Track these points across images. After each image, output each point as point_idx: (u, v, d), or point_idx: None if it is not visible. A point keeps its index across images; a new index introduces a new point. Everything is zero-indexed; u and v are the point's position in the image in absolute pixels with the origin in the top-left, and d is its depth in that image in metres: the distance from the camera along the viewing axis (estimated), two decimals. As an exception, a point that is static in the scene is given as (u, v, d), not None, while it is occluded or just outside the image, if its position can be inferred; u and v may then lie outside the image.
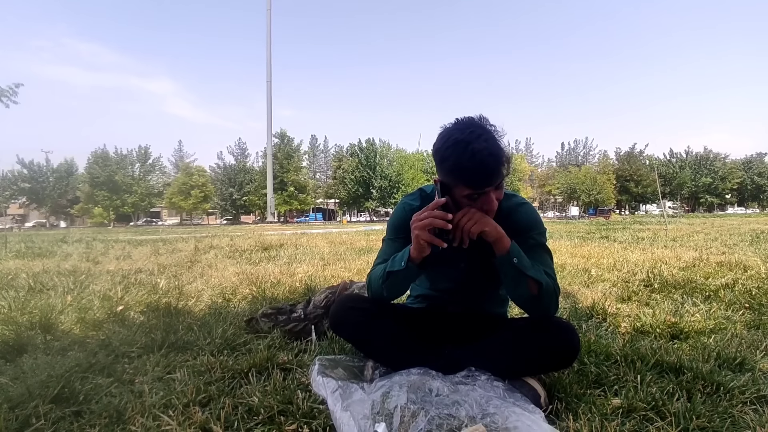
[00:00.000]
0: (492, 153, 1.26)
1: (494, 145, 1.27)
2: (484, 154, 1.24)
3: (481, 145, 1.25)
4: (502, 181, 1.36)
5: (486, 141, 1.26)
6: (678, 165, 67.05)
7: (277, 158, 52.07)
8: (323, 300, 2.14)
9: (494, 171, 1.28)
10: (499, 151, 1.28)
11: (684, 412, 1.26)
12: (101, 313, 2.54)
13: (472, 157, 1.24)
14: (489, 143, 1.26)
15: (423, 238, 1.32)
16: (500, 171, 1.30)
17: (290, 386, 1.47)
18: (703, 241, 7.50)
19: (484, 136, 1.27)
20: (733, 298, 2.80)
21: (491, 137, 1.29)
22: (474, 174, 1.27)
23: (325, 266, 4.79)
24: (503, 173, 1.32)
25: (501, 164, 1.28)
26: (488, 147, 1.25)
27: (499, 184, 1.35)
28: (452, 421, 1.15)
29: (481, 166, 1.25)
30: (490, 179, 1.29)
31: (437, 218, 1.30)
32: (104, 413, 1.28)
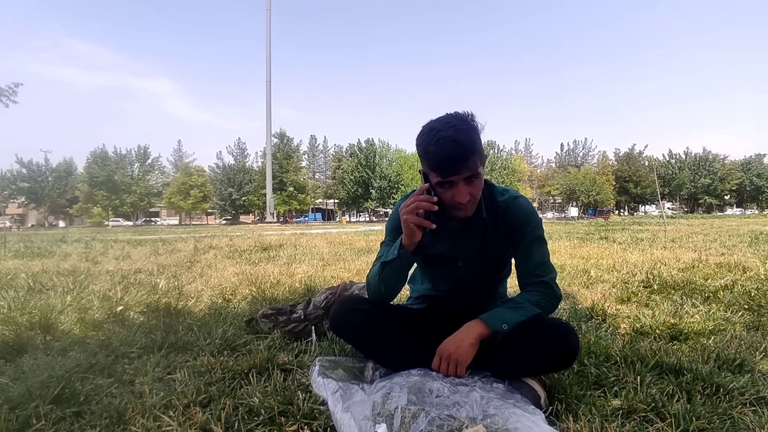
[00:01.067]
0: (456, 140, 1.29)
1: (462, 135, 1.30)
2: (448, 140, 1.29)
3: (448, 133, 1.30)
4: (477, 177, 1.36)
5: (456, 131, 1.31)
6: (677, 166, 67.19)
7: (276, 158, 52.07)
8: (323, 301, 2.14)
9: (457, 157, 1.30)
10: (467, 141, 1.30)
11: (684, 414, 1.26)
12: (101, 314, 2.54)
13: (437, 142, 1.30)
14: (458, 133, 1.30)
15: (411, 221, 1.36)
16: (467, 161, 1.31)
17: (291, 387, 1.46)
18: (702, 242, 7.51)
19: (457, 127, 1.32)
20: (732, 299, 2.80)
21: (463, 129, 1.32)
22: (436, 157, 1.32)
23: (324, 267, 4.79)
24: (472, 166, 1.33)
25: (467, 154, 1.30)
26: (455, 135, 1.29)
27: (472, 179, 1.36)
28: (453, 422, 1.15)
29: (443, 150, 1.29)
30: (454, 166, 1.32)
31: (422, 201, 1.34)
32: (105, 414, 1.28)
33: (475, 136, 1.33)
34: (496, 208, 1.52)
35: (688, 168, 66.39)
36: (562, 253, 5.79)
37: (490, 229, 1.52)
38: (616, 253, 5.71)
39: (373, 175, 56.34)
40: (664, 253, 5.57)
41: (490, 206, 1.52)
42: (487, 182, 1.56)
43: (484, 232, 1.53)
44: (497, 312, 1.44)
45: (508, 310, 1.44)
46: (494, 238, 1.53)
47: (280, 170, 52.98)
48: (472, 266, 1.59)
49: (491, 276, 1.66)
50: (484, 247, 1.55)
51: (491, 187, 1.56)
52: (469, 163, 1.32)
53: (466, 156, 1.31)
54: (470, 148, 1.31)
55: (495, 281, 1.70)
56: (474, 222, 1.51)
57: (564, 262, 4.76)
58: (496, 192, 1.55)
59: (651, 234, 10.27)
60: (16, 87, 7.38)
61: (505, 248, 1.55)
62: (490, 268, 1.62)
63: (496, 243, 1.54)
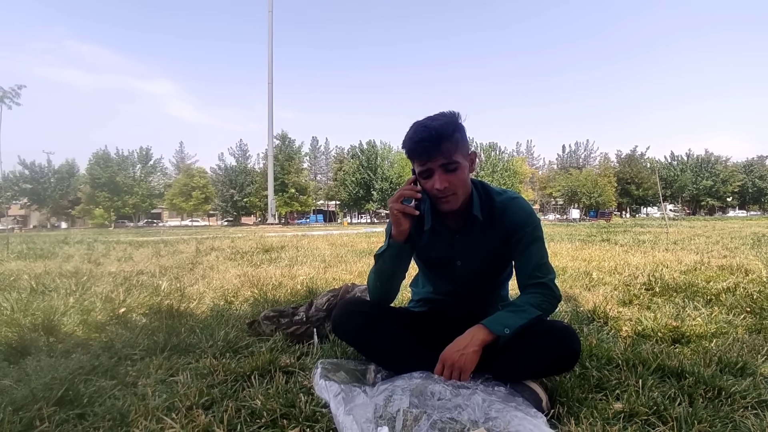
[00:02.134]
0: (428, 126, 1.36)
1: (437, 123, 1.37)
2: (422, 128, 1.37)
3: (425, 122, 1.38)
4: (455, 166, 1.39)
5: (432, 120, 1.39)
6: (679, 168, 67.07)
7: (278, 160, 52.09)
8: (325, 303, 2.14)
9: (428, 140, 1.35)
10: (440, 128, 1.35)
11: (686, 417, 1.26)
12: (103, 315, 2.54)
13: (415, 129, 1.39)
14: (433, 122, 1.37)
15: (396, 209, 1.43)
16: (439, 146, 1.36)
17: (293, 389, 1.47)
18: (705, 244, 7.50)
19: (434, 117, 1.39)
20: (734, 302, 2.80)
21: (440, 119, 1.39)
22: (410, 142, 1.39)
23: (326, 268, 4.80)
24: (446, 152, 1.37)
25: (439, 138, 1.35)
26: (432, 125, 1.36)
27: (449, 166, 1.39)
28: (454, 425, 1.16)
29: (415, 134, 1.37)
30: (425, 149, 1.37)
31: (406, 190, 1.43)
32: (108, 416, 1.29)
33: (451, 126, 1.38)
34: (494, 209, 1.53)
35: (690, 170, 66.26)
36: (564, 255, 5.78)
37: (487, 229, 1.53)
38: (617, 256, 5.71)
39: (374, 176, 56.38)
40: (666, 256, 5.56)
41: (487, 206, 1.53)
42: (482, 182, 1.58)
43: (482, 233, 1.54)
44: (498, 316, 1.44)
45: (510, 313, 1.44)
46: (492, 239, 1.54)
47: (282, 172, 53.03)
48: (470, 266, 1.59)
49: (491, 277, 1.66)
50: (482, 247, 1.55)
51: (487, 187, 1.57)
52: (443, 148, 1.36)
53: (438, 140, 1.35)
54: (443, 133, 1.35)
55: (496, 283, 1.70)
56: (470, 222, 1.52)
57: (566, 265, 4.76)
58: (493, 192, 1.56)
59: (653, 236, 10.25)
60: (20, 89, 7.42)
61: (504, 249, 1.56)
62: (489, 269, 1.63)
63: (495, 243, 1.54)
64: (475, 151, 1.49)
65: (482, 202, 1.53)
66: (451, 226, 1.56)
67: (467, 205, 1.51)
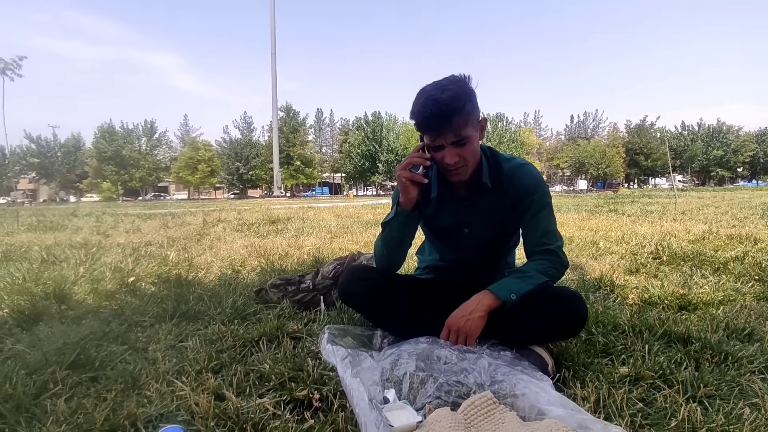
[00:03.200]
0: (437, 100, 1.28)
1: (448, 97, 1.29)
2: (430, 100, 1.29)
3: (435, 94, 1.29)
4: (466, 141, 1.35)
5: (442, 91, 1.30)
6: (690, 138, 65.91)
7: (282, 132, 51.73)
8: (331, 271, 2.15)
9: (438, 117, 1.29)
10: (450, 101, 1.28)
11: (692, 381, 1.26)
12: (113, 284, 2.58)
13: (423, 102, 1.31)
14: (443, 93, 1.29)
15: (404, 176, 1.40)
16: (449, 121, 1.30)
17: (300, 354, 1.49)
18: (713, 214, 7.43)
19: (444, 87, 1.31)
20: (742, 270, 2.78)
21: (450, 89, 1.30)
22: (419, 117, 1.33)
23: (332, 239, 4.82)
24: (456, 128, 1.31)
25: (449, 114, 1.29)
26: (441, 96, 1.29)
27: (462, 144, 1.35)
28: (460, 388, 1.17)
29: (424, 109, 1.30)
30: (435, 126, 1.32)
31: (415, 157, 1.40)
32: (120, 379, 1.31)
33: (462, 97, 1.31)
34: (502, 176, 1.50)
35: (701, 140, 65.10)
36: (571, 226, 5.76)
37: (495, 196, 1.51)
38: (625, 225, 5.67)
39: (380, 148, 55.98)
40: (674, 225, 5.52)
41: (495, 173, 1.50)
42: (491, 149, 1.54)
43: (490, 200, 1.51)
44: (505, 282, 1.43)
45: (516, 279, 1.43)
46: (500, 206, 1.52)
47: (287, 144, 52.74)
48: (478, 234, 1.58)
49: (498, 245, 1.65)
50: (490, 214, 1.53)
51: (496, 153, 1.54)
52: (453, 124, 1.30)
53: (448, 116, 1.29)
54: (453, 108, 1.29)
55: (502, 251, 1.69)
56: (478, 189, 1.50)
57: (572, 234, 4.74)
58: (501, 159, 1.53)
59: (661, 206, 10.16)
60: (21, 60, 7.32)
61: (512, 216, 1.54)
62: (496, 237, 1.61)
63: (503, 211, 1.52)
64: (485, 117, 1.45)
65: (491, 169, 1.50)
66: (458, 193, 1.54)
67: (476, 172, 1.48)
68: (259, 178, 58.01)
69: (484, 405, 1.08)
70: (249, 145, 59.32)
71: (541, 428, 0.96)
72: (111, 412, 1.10)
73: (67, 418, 1.09)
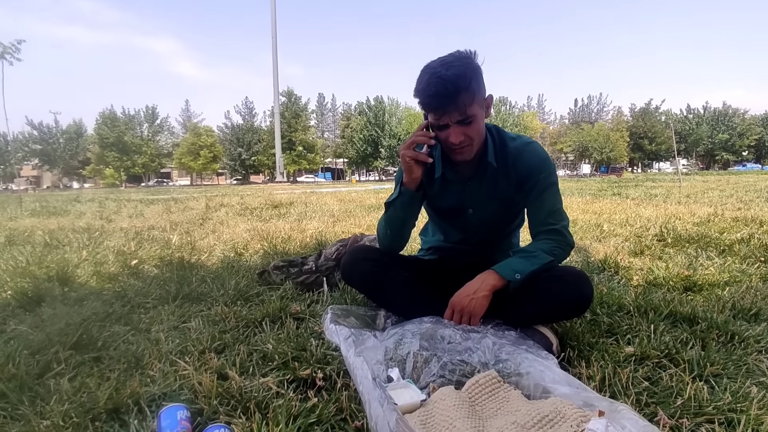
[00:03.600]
0: (445, 80, 1.24)
1: (454, 74, 1.24)
2: (435, 78, 1.25)
3: (440, 71, 1.25)
4: (471, 119, 1.32)
5: (446, 68, 1.26)
6: (695, 121, 65.17)
7: (284, 117, 51.43)
8: (334, 252, 2.14)
9: (444, 95, 1.26)
10: (455, 79, 1.24)
11: (698, 360, 1.25)
12: (116, 267, 2.58)
13: (428, 80, 1.27)
14: (450, 71, 1.25)
15: (408, 155, 1.37)
16: (455, 99, 1.26)
17: (303, 334, 1.48)
18: (718, 197, 7.38)
19: (450, 64, 1.27)
20: (748, 252, 2.76)
21: (456, 65, 1.26)
22: (423, 95, 1.29)
23: (335, 223, 4.81)
24: (462, 106, 1.28)
25: (454, 92, 1.25)
26: (446, 74, 1.25)
27: (467, 122, 1.31)
28: (465, 367, 1.16)
29: (429, 87, 1.27)
30: (440, 104, 1.29)
31: (420, 136, 1.37)
32: (123, 359, 1.31)
33: (467, 74, 1.26)
34: (507, 155, 1.47)
35: (706, 123, 64.36)
36: (574, 209, 5.72)
37: (500, 176, 1.48)
38: (629, 209, 5.64)
39: (382, 133, 55.64)
40: (678, 208, 5.48)
41: (501, 152, 1.47)
42: (496, 127, 1.51)
43: (494, 179, 1.49)
44: (510, 262, 1.41)
45: (521, 259, 1.42)
46: (505, 186, 1.49)
47: (289, 129, 52.46)
48: (482, 214, 1.55)
49: (503, 225, 1.63)
50: (495, 194, 1.51)
51: (501, 132, 1.51)
52: (458, 102, 1.27)
53: (454, 94, 1.25)
54: (459, 86, 1.25)
55: (507, 231, 1.67)
56: (483, 169, 1.48)
57: (576, 217, 4.71)
58: (506, 138, 1.50)
59: (665, 190, 10.10)
60: (19, 44, 7.26)
61: (517, 196, 1.51)
62: (501, 217, 1.59)
63: (507, 190, 1.50)
64: (491, 94, 1.41)
65: (496, 148, 1.47)
66: (462, 173, 1.51)
67: (481, 152, 1.45)
68: (261, 164, 57.85)
69: (488, 383, 1.07)
70: (251, 130, 59.02)
71: (546, 406, 0.95)
72: (114, 391, 1.10)
73: (71, 396, 1.09)
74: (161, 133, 58.42)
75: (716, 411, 1.00)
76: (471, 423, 0.90)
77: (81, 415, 1.00)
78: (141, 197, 13.54)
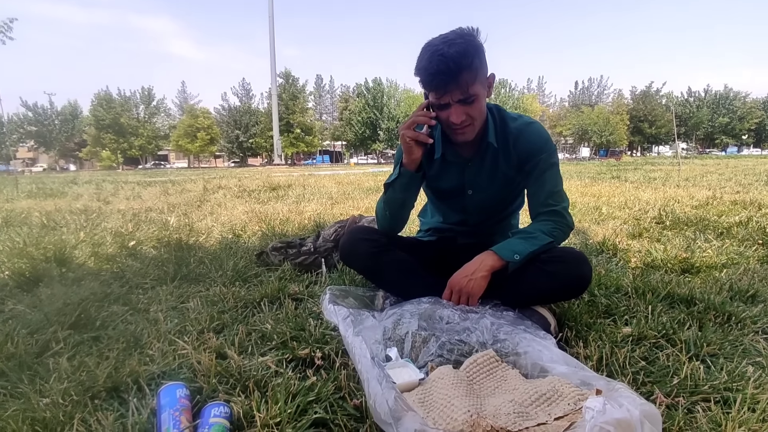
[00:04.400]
0: (447, 58, 1.21)
1: (456, 52, 1.22)
2: (437, 56, 1.22)
3: (442, 49, 1.22)
4: (473, 99, 1.29)
5: (449, 45, 1.23)
6: (695, 105, 64.73)
7: (282, 99, 50.90)
8: (333, 234, 2.13)
9: (445, 73, 1.23)
10: (458, 56, 1.21)
11: (695, 340, 1.26)
12: (114, 248, 2.57)
13: (429, 57, 1.24)
14: (453, 49, 1.22)
15: (408, 135, 1.35)
16: (457, 78, 1.24)
17: (302, 315, 1.49)
18: (717, 180, 7.37)
19: (452, 41, 1.24)
20: (746, 234, 2.76)
21: (458, 43, 1.23)
22: (425, 73, 1.26)
23: (333, 205, 4.79)
24: (464, 84, 1.26)
25: (457, 70, 1.22)
26: (448, 51, 1.22)
27: (469, 101, 1.29)
28: (463, 346, 1.16)
29: (431, 65, 1.23)
30: (442, 82, 1.26)
31: (420, 116, 1.35)
32: (121, 338, 1.31)
33: (470, 52, 1.24)
34: (508, 135, 1.45)
35: (707, 106, 63.93)
36: (573, 192, 5.72)
37: (501, 156, 1.47)
38: (628, 192, 5.64)
39: (380, 116, 55.21)
40: (677, 191, 5.48)
41: (502, 132, 1.46)
42: (498, 107, 1.49)
43: (495, 160, 1.47)
44: (509, 242, 1.41)
45: (520, 240, 1.41)
46: (505, 166, 1.48)
47: (287, 112, 51.97)
48: (482, 196, 1.54)
49: (502, 206, 1.62)
50: (495, 175, 1.50)
51: (502, 112, 1.49)
52: (460, 80, 1.24)
53: (456, 73, 1.23)
54: (461, 64, 1.22)
55: (507, 212, 1.66)
56: (484, 149, 1.46)
57: (575, 200, 4.71)
58: (508, 118, 1.48)
59: (664, 173, 10.09)
60: (11, 22, 7.11)
61: (518, 177, 1.50)
62: (501, 198, 1.58)
63: (508, 171, 1.49)
64: (493, 73, 1.38)
65: (497, 128, 1.45)
66: (463, 154, 1.50)
67: (482, 132, 1.44)
68: (259, 146, 57.45)
69: (486, 363, 1.08)
70: (248, 112, 58.45)
71: (543, 385, 0.96)
72: (113, 370, 1.10)
73: (70, 375, 1.09)
74: (158, 114, 57.78)
75: (712, 390, 1.01)
76: (469, 401, 0.90)
77: (80, 394, 1.00)
78: (138, 179, 13.48)
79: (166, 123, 59.31)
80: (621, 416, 0.76)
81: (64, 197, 6.71)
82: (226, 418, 0.88)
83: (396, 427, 0.80)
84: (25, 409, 0.93)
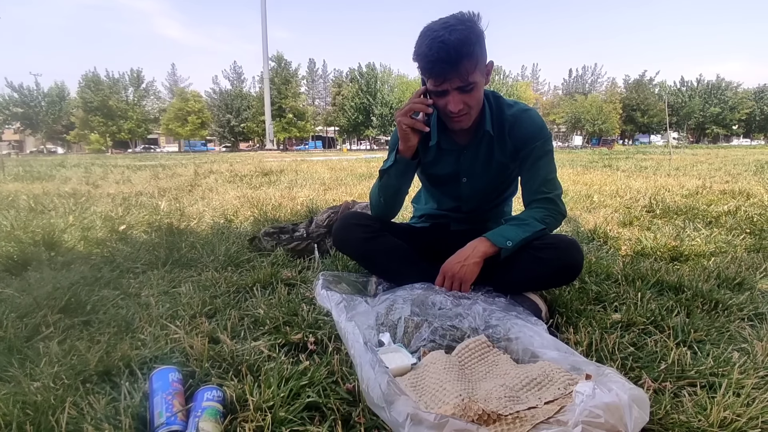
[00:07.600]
0: (448, 45, 1.19)
1: (457, 39, 1.19)
2: (437, 42, 1.20)
3: (442, 35, 1.20)
4: (472, 87, 1.28)
5: (449, 32, 1.20)
6: (688, 94, 64.95)
7: (274, 83, 50.23)
8: (326, 219, 2.13)
9: (445, 60, 1.21)
10: (458, 44, 1.19)
11: (682, 326, 1.28)
12: (104, 233, 2.54)
13: (429, 44, 1.21)
14: (453, 35, 1.19)
15: (405, 123, 1.34)
16: (457, 65, 1.22)
17: (295, 300, 1.49)
18: (707, 170, 7.44)
19: (452, 27, 1.21)
20: (734, 223, 2.80)
21: (459, 29, 1.21)
22: (424, 59, 1.24)
23: (326, 191, 4.78)
24: (464, 72, 1.24)
25: (457, 57, 1.20)
26: (449, 38, 1.19)
27: (465, 88, 1.28)
28: (455, 332, 1.17)
29: (430, 52, 1.21)
30: (442, 69, 1.24)
31: (417, 103, 1.33)
32: (113, 323, 1.31)
33: (471, 39, 1.21)
34: (504, 122, 1.45)
35: (699, 96, 64.17)
36: (565, 180, 5.74)
37: (496, 143, 1.46)
38: (619, 180, 5.67)
39: (374, 101, 54.80)
40: (668, 180, 5.53)
41: (498, 120, 1.45)
42: (494, 93, 1.48)
43: (490, 147, 1.47)
44: (502, 229, 1.41)
45: (513, 227, 1.41)
46: (500, 154, 1.48)
47: (279, 96, 51.35)
48: (476, 183, 1.54)
49: (496, 193, 1.62)
50: (490, 163, 1.49)
51: (499, 99, 1.48)
52: (460, 68, 1.22)
53: (456, 61, 1.21)
54: (462, 52, 1.20)
55: (500, 200, 1.67)
56: (479, 136, 1.45)
57: (567, 188, 4.73)
58: (504, 104, 1.47)
59: (655, 162, 10.15)
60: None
61: (512, 164, 1.50)
62: (495, 185, 1.58)
63: (503, 159, 1.48)
64: (492, 60, 1.35)
65: (493, 116, 1.45)
66: (458, 141, 1.49)
67: (478, 120, 1.43)
68: (250, 131, 56.80)
69: (478, 348, 1.09)
70: (240, 96, 57.68)
71: (534, 370, 0.97)
72: (105, 354, 1.09)
73: (61, 359, 1.08)
74: (147, 97, 56.83)
75: (698, 375, 1.03)
76: (461, 386, 0.91)
77: (72, 377, 1.00)
78: (128, 163, 13.31)
79: (156, 106, 58.40)
80: (610, 400, 0.77)
81: (52, 180, 6.62)
82: (219, 402, 0.88)
83: (389, 411, 0.81)
84: (15, 392, 0.93)
